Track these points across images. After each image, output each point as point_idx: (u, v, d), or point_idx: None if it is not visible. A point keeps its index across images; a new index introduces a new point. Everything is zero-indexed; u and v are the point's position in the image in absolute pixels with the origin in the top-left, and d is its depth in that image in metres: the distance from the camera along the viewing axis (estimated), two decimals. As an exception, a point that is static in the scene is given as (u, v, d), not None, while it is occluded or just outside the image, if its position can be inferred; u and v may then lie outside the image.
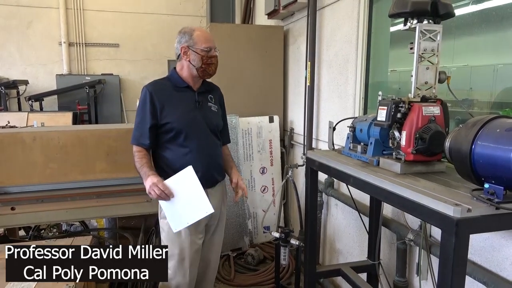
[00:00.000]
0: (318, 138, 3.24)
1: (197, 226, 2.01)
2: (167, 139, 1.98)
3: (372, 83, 2.59)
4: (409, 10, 1.48)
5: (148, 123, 1.94)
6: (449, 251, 1.07)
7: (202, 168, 1.97)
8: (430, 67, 1.52)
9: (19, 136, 2.61)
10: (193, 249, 2.02)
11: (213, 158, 2.07)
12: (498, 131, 1.09)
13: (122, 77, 6.36)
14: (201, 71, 1.99)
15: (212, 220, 2.12)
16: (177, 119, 1.96)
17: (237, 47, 3.78)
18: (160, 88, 2.00)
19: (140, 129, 1.97)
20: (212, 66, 2.00)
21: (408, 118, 1.48)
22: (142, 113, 1.97)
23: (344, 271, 2.16)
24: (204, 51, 1.96)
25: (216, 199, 2.07)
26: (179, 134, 1.97)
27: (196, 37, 1.96)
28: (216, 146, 2.11)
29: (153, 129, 1.96)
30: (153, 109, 1.95)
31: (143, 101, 1.97)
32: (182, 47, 1.98)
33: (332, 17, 2.95)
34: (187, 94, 2.04)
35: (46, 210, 2.58)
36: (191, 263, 2.03)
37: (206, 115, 2.05)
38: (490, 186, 1.08)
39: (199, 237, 2.06)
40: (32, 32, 6.00)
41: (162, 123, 1.96)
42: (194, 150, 1.98)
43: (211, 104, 2.11)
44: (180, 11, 6.48)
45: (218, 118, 2.14)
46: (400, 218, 2.17)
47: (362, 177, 1.52)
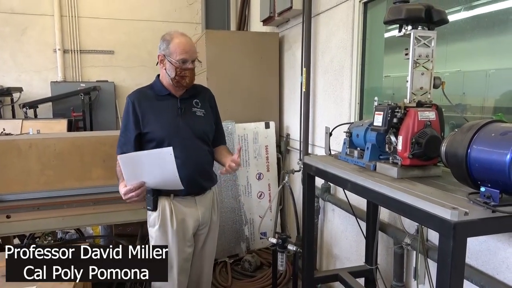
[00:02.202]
0: (314, 144, 3.25)
1: (185, 234, 2.00)
2: (151, 148, 1.95)
3: (367, 89, 2.62)
4: (403, 17, 1.50)
5: (132, 133, 1.95)
6: (447, 254, 1.08)
7: (188, 175, 1.93)
8: (425, 72, 1.55)
9: (14, 144, 2.60)
10: (181, 257, 2.00)
11: (200, 165, 2.02)
12: (493, 135, 1.11)
13: (117, 84, 6.35)
14: (175, 82, 1.95)
15: (202, 229, 2.08)
16: (158, 128, 1.95)
17: (232, 53, 3.80)
18: (142, 97, 1.99)
19: (124, 138, 1.98)
20: (186, 78, 1.94)
21: (404, 123, 1.50)
22: (126, 122, 1.98)
23: (342, 276, 2.16)
24: (178, 62, 1.90)
25: (204, 207, 2.05)
26: (162, 143, 1.93)
27: (173, 46, 1.90)
28: (204, 152, 2.05)
29: (138, 139, 1.95)
30: (135, 119, 1.94)
31: (126, 111, 1.98)
32: (159, 55, 1.96)
33: (327, 23, 2.98)
34: (169, 101, 2.00)
35: (42, 218, 2.55)
36: (179, 272, 2.00)
37: (190, 121, 2.00)
38: (486, 189, 1.10)
39: (188, 245, 2.03)
40: (26, 39, 5.97)
41: (144, 131, 1.95)
42: (179, 157, 1.89)
43: (196, 109, 2.05)
44: (175, 18, 6.50)
45: (206, 123, 2.08)
46: (397, 222, 2.19)
47: (359, 182, 1.53)
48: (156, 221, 1.97)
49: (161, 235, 1.97)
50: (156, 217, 1.97)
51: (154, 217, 1.98)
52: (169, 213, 1.96)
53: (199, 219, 2.03)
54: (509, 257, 1.55)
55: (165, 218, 1.96)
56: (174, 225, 1.96)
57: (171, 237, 1.96)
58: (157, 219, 1.97)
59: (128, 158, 1.81)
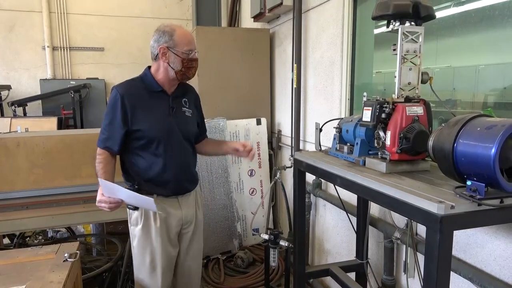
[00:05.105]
0: (305, 140, 3.26)
1: (169, 233, 1.97)
2: (138, 146, 1.88)
3: (357, 85, 2.63)
4: (391, 12, 1.50)
5: (119, 130, 1.84)
6: (434, 247, 1.09)
7: (173, 177, 1.92)
8: (412, 68, 1.55)
9: (2, 142, 2.56)
10: (165, 257, 1.96)
11: (185, 167, 2.00)
12: (478, 130, 1.12)
13: (107, 81, 6.29)
14: (180, 75, 1.88)
15: (186, 228, 2.05)
16: (149, 126, 1.86)
17: (223, 50, 3.79)
18: (132, 91, 1.88)
19: (109, 132, 1.86)
20: (192, 69, 1.90)
21: (392, 118, 1.51)
22: (112, 116, 1.84)
23: (333, 271, 2.18)
24: (185, 53, 1.85)
25: (186, 207, 2.03)
26: (151, 142, 1.88)
27: (178, 38, 1.83)
28: (189, 154, 2.04)
29: (124, 135, 1.85)
30: (124, 115, 1.83)
31: (113, 104, 1.84)
32: (161, 48, 1.84)
33: (317, 19, 2.98)
34: (160, 99, 1.92)
35: (31, 217, 2.53)
36: (163, 271, 1.96)
37: (180, 121, 1.96)
38: (472, 183, 1.11)
39: (172, 244, 2.00)
40: (14, 36, 5.89)
41: (133, 129, 1.85)
42: (166, 158, 1.89)
43: (185, 108, 2.01)
44: (165, 15, 6.46)
45: (192, 123, 2.06)
46: (386, 217, 2.20)
47: (348, 177, 1.54)
48: (139, 220, 1.93)
49: (144, 234, 1.93)
50: (139, 216, 1.93)
51: (136, 216, 1.94)
52: (152, 212, 1.91)
53: (182, 218, 2.01)
54: (496, 250, 1.57)
55: (148, 217, 1.92)
56: (158, 223, 1.92)
57: (154, 236, 1.93)
58: (139, 218, 1.93)
59: (110, 184, 1.71)
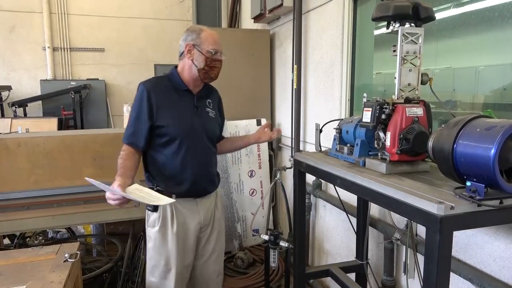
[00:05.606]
0: (305, 141, 3.26)
1: (186, 237, 1.95)
2: (161, 143, 1.89)
3: (357, 86, 2.63)
4: (391, 13, 1.51)
5: (145, 124, 1.84)
6: (433, 248, 1.09)
7: (193, 177, 1.92)
8: (412, 69, 1.56)
9: (2, 143, 2.56)
10: (180, 261, 1.94)
11: (205, 167, 2.00)
12: (478, 131, 1.12)
13: (108, 82, 6.31)
14: (203, 73, 1.91)
15: (204, 231, 2.05)
16: (173, 124, 1.87)
17: (224, 51, 3.78)
18: (158, 88, 1.90)
19: (135, 127, 1.86)
20: (215, 69, 1.93)
21: (392, 119, 1.51)
22: (139, 110, 1.85)
23: (333, 272, 2.18)
24: (209, 52, 1.88)
25: (205, 209, 2.02)
26: (174, 140, 1.88)
27: (204, 36, 1.88)
28: (211, 154, 2.04)
29: (149, 130, 1.85)
30: (149, 109, 1.84)
31: (140, 100, 1.86)
32: (187, 45, 1.89)
33: (317, 20, 2.98)
34: (186, 98, 1.95)
35: (32, 217, 2.53)
36: (177, 274, 1.94)
37: (204, 121, 1.97)
38: (471, 184, 1.11)
39: (189, 249, 1.97)
40: (15, 37, 5.90)
41: (157, 124, 1.86)
42: (187, 156, 1.90)
43: (209, 109, 2.03)
44: (166, 15, 6.46)
45: (215, 124, 2.07)
46: (386, 218, 2.21)
47: (348, 177, 1.54)
48: (156, 222, 1.92)
49: (161, 237, 1.92)
50: (157, 218, 1.92)
51: (154, 218, 1.93)
52: (169, 215, 1.91)
53: (200, 221, 2.00)
54: (496, 250, 1.57)
55: (166, 220, 1.92)
56: (175, 227, 1.91)
57: (170, 240, 1.92)
58: (157, 221, 1.92)
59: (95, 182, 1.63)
